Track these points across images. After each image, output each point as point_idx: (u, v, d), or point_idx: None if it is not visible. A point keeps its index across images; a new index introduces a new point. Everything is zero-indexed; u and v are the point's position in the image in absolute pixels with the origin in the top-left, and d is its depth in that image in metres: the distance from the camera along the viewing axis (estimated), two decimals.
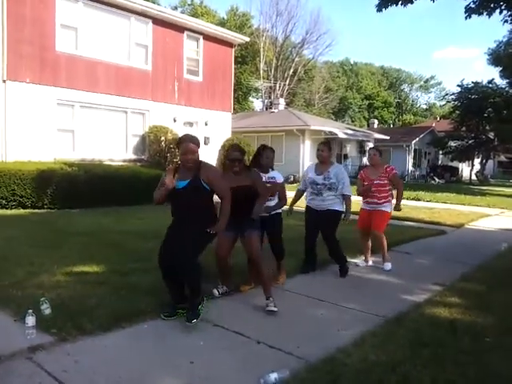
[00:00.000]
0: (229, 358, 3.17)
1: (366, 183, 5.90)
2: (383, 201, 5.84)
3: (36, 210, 9.85)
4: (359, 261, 6.18)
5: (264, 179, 4.63)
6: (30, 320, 3.30)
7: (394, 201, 6.01)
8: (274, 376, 2.75)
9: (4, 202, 9.83)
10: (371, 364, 3.02)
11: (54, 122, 12.54)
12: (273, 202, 4.83)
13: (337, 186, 5.24)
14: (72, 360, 3.00)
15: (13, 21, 11.52)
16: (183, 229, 3.71)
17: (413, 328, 3.72)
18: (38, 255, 5.58)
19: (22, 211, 9.70)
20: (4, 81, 11.50)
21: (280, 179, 4.90)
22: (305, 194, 5.66)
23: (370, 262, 6.14)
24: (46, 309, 3.64)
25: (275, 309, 4.02)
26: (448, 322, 3.91)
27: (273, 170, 4.96)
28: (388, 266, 5.91)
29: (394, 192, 6.04)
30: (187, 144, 3.74)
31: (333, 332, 3.70)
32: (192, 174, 3.74)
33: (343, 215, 5.37)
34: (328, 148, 5.37)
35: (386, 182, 5.86)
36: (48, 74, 12.36)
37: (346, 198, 5.35)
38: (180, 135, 14.00)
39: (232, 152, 4.31)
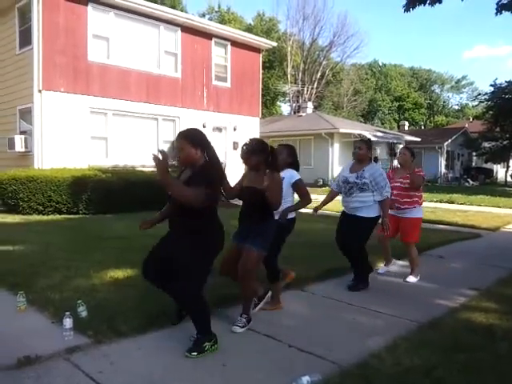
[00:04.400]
0: (261, 360, 3.18)
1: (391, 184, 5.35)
2: (406, 206, 5.31)
3: (71, 216, 10.13)
4: (380, 269, 5.86)
5: None
6: (68, 322, 3.40)
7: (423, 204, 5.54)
8: (306, 379, 2.74)
9: (41, 207, 10.15)
10: (405, 369, 2.98)
11: (88, 129, 12.88)
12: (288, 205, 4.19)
13: (370, 187, 4.72)
14: (108, 361, 3.08)
15: (48, 32, 11.93)
16: (173, 242, 3.23)
17: (448, 333, 3.65)
18: (74, 259, 5.73)
19: (58, 217, 9.99)
20: (40, 90, 11.89)
21: (292, 178, 4.23)
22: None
23: (390, 267, 5.87)
24: (83, 311, 3.74)
25: (240, 330, 3.66)
26: (485, 327, 3.82)
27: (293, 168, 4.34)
28: (412, 278, 5.41)
29: (425, 194, 5.57)
30: (176, 140, 3.19)
31: (365, 336, 3.66)
32: (187, 178, 3.20)
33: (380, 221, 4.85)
34: (366, 146, 4.89)
35: (408, 186, 5.30)
36: (81, 83, 12.72)
37: (383, 202, 4.78)
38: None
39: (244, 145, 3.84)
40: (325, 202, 5.21)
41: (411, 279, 5.42)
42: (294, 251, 5.75)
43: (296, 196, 4.40)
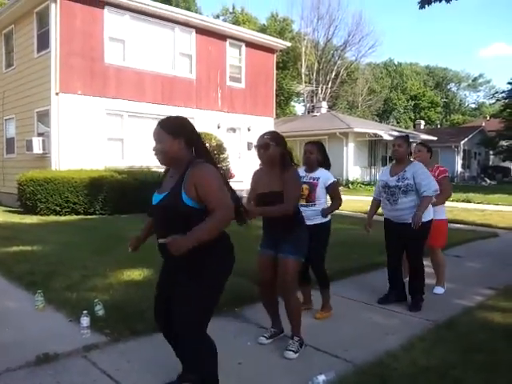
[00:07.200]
0: (276, 359, 3.19)
1: None
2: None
3: (88, 216, 10.26)
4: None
5: (305, 179, 3.95)
6: (85, 320, 3.46)
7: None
8: (321, 378, 2.74)
9: (58, 208, 10.30)
10: (421, 368, 2.96)
11: (104, 131, 13.02)
12: (315, 207, 3.98)
13: (415, 188, 4.21)
14: (125, 359, 3.12)
15: (65, 35, 12.10)
16: (173, 278, 2.54)
17: (464, 333, 3.61)
18: (91, 259, 5.81)
19: (74, 217, 10.13)
20: (57, 93, 12.06)
21: (328, 180, 4.01)
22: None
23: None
24: (100, 310, 3.79)
25: (294, 356, 3.20)
26: (502, 327, 3.77)
27: (325, 168, 4.12)
28: (440, 289, 4.97)
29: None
30: (154, 130, 2.47)
31: (381, 336, 3.65)
32: (174, 182, 2.38)
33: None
34: (406, 142, 4.36)
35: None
36: (98, 86, 12.87)
37: (423, 199, 4.18)
38: (223, 141, 14.09)
39: (259, 138, 3.37)
40: (371, 216, 4.65)
41: (440, 290, 4.98)
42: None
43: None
